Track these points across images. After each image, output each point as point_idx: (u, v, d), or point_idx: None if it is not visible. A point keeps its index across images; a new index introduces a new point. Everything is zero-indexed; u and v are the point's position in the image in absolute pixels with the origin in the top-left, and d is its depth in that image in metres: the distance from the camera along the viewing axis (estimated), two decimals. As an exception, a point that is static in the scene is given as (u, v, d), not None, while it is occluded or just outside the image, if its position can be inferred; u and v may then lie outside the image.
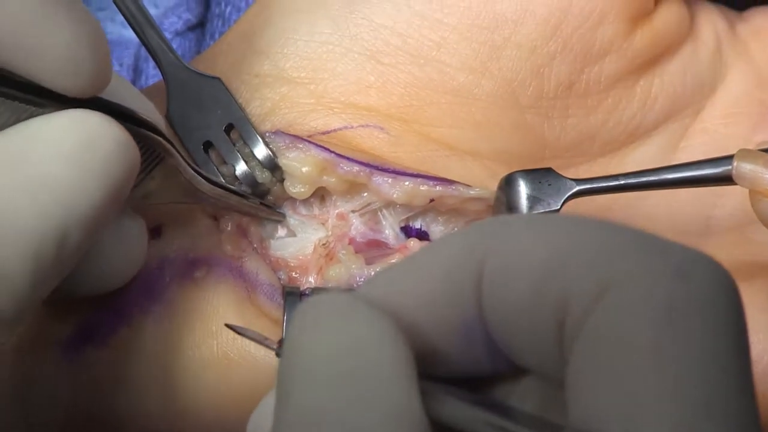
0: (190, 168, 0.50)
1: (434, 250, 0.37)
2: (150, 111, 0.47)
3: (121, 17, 0.71)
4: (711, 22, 0.61)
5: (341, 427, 0.32)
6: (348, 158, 0.55)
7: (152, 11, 0.75)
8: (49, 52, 0.39)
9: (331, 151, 0.55)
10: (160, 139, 0.47)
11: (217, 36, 0.72)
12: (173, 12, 0.74)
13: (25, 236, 0.38)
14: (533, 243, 0.35)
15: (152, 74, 0.73)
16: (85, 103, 0.42)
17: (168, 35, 0.73)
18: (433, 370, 0.37)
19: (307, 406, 0.33)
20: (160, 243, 0.54)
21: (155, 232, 0.54)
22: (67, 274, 0.41)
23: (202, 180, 0.51)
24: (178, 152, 0.48)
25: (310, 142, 0.55)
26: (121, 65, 0.73)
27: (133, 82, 0.74)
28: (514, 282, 0.35)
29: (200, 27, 0.75)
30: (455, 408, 0.35)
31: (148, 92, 0.59)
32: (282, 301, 0.54)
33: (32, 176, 0.39)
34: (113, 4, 0.57)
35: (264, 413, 0.38)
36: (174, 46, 0.73)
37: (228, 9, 0.72)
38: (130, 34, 0.73)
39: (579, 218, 0.36)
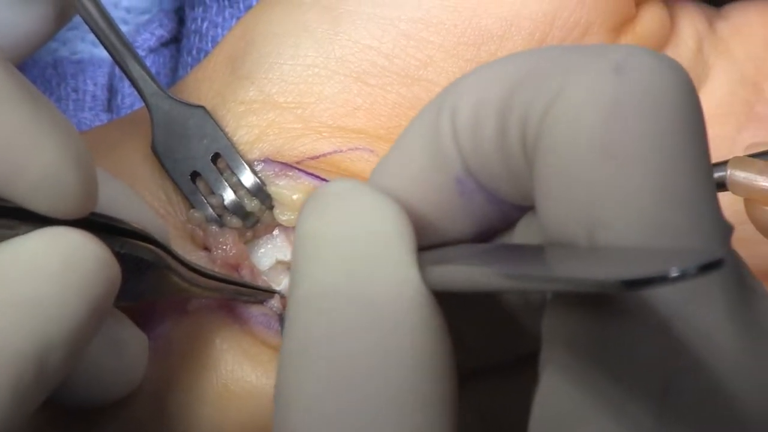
0: (184, 267, 0.49)
1: (410, 126, 0.38)
2: (144, 216, 0.47)
3: (92, 36, 0.70)
4: (691, 22, 0.60)
5: (348, 301, 0.34)
6: (338, 184, 0.54)
7: (122, 28, 0.74)
8: (34, 171, 0.38)
9: (322, 178, 0.54)
10: (152, 247, 0.46)
11: (194, 52, 0.71)
12: (145, 28, 0.73)
13: (6, 356, 0.37)
14: (491, 80, 0.35)
15: (128, 92, 0.72)
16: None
17: (141, 52, 0.72)
18: (441, 238, 0.38)
19: (319, 282, 0.35)
20: None
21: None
22: (53, 389, 0.40)
23: (199, 276, 0.50)
24: (172, 255, 0.48)
25: (299, 169, 0.54)
26: (95, 85, 0.72)
27: (109, 101, 0.73)
28: (483, 120, 0.35)
29: (174, 43, 0.73)
30: (443, 273, 0.35)
31: (131, 120, 0.58)
32: (280, 328, 0.53)
33: (11, 295, 0.38)
34: (85, 24, 0.56)
35: None
36: (148, 63, 0.72)
37: (205, 24, 0.71)
38: (102, 53, 0.72)
39: (537, 48, 0.37)
